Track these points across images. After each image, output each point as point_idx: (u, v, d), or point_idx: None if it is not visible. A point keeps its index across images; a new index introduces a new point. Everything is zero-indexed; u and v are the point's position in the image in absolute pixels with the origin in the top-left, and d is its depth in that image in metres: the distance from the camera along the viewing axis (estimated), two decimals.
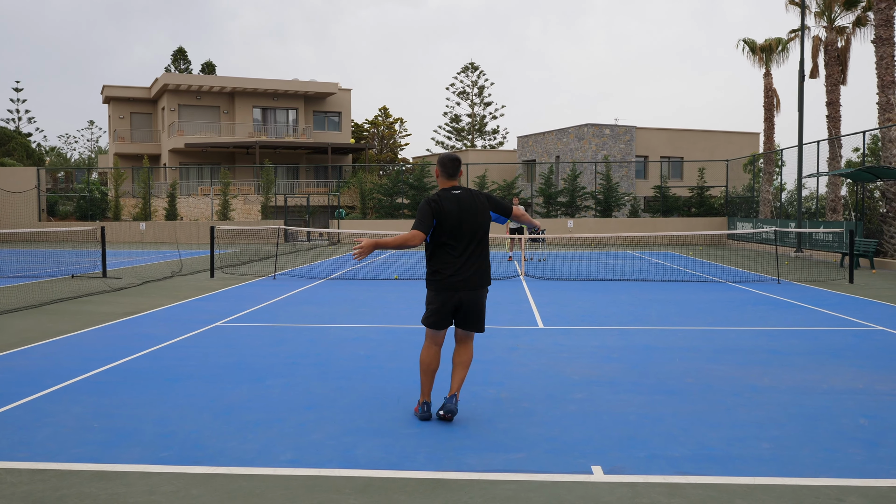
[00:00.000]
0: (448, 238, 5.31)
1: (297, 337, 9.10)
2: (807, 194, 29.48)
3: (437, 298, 5.37)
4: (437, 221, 5.28)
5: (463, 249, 5.33)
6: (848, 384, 6.63)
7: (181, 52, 60.91)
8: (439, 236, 5.32)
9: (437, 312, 5.40)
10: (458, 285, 5.32)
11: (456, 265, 5.31)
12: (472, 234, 5.35)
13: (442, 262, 5.34)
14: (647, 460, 4.63)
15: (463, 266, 5.33)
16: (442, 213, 5.27)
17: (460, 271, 5.32)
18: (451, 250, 5.33)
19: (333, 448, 4.89)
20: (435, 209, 5.28)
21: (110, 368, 7.27)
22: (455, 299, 5.36)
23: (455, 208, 5.30)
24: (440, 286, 5.34)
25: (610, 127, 41.60)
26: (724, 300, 12.69)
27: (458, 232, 5.31)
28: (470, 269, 5.34)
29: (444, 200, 5.31)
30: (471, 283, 5.35)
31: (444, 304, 5.36)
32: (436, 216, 5.27)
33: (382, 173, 48.78)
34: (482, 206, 5.43)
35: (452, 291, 5.33)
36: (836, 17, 26.95)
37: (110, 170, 40.52)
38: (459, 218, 5.30)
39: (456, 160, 5.53)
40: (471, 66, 70.05)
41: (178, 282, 15.69)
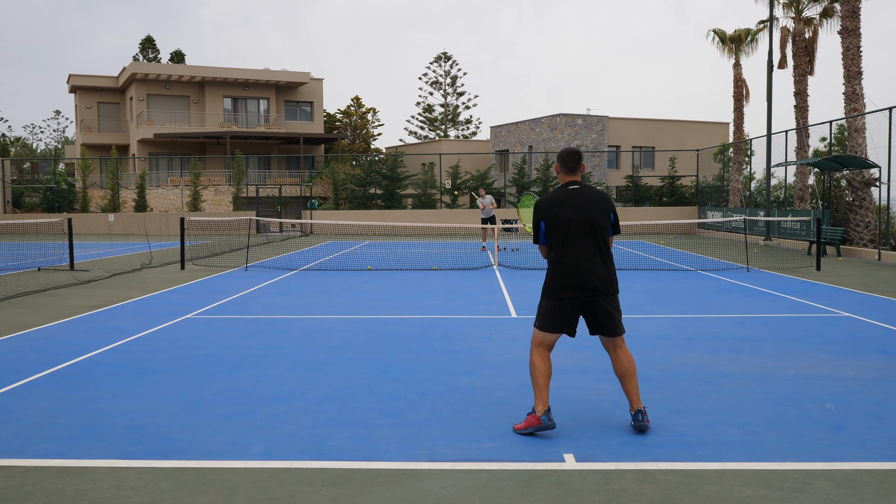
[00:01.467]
0: (563, 237, 5.02)
1: (269, 328, 9.03)
2: (775, 183, 29.90)
3: (556, 303, 5.02)
4: (545, 226, 5.05)
5: (583, 249, 5.01)
6: (815, 370, 6.73)
7: (149, 40, 59.97)
8: (550, 238, 5.08)
9: (555, 315, 5.05)
10: (575, 283, 5.01)
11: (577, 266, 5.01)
12: (593, 232, 5.00)
13: (562, 263, 5.02)
14: (619, 447, 4.66)
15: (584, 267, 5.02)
16: (553, 215, 5.01)
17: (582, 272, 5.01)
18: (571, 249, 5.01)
19: (305, 440, 4.86)
20: (545, 214, 5.05)
21: (78, 362, 7.16)
22: (574, 303, 5.02)
23: (570, 205, 4.99)
24: (557, 289, 5.02)
25: (582, 117, 41.77)
26: (694, 288, 12.82)
27: (577, 229, 4.99)
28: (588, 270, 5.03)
29: (557, 201, 5.02)
30: (592, 285, 5.02)
31: (565, 306, 5.03)
32: (544, 220, 5.05)
33: (355, 164, 48.56)
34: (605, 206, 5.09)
35: (573, 290, 5.00)
36: (803, 9, 27.25)
37: (77, 160, 39.86)
38: (577, 214, 4.99)
39: (578, 154, 5.16)
40: (444, 55, 69.88)
41: (148, 274, 15.49)
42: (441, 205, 35.97)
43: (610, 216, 5.07)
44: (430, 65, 70.39)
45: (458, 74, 70.10)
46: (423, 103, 70.33)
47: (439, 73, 70.09)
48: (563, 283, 4.96)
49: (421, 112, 70.43)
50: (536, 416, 4.86)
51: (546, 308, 5.04)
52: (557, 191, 5.11)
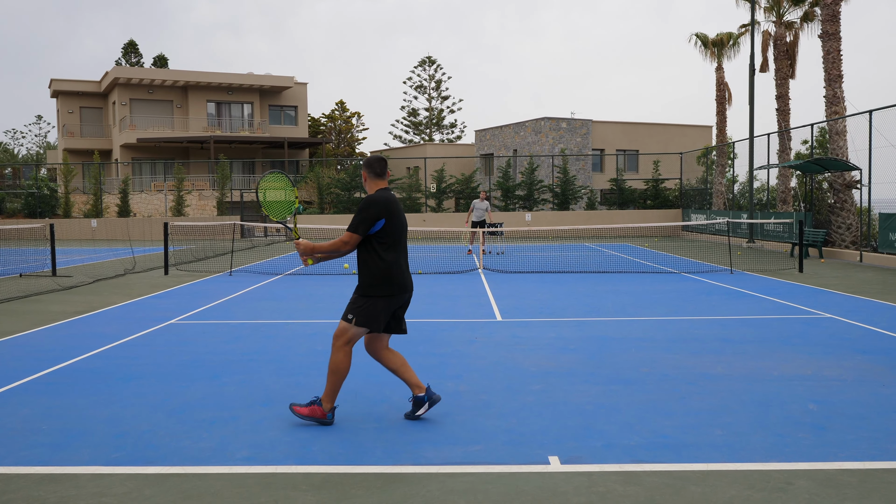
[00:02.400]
0: (394, 238, 5.18)
1: (253, 334, 8.99)
2: (758, 186, 30.11)
3: (385, 303, 5.14)
4: (384, 222, 5.11)
5: (404, 249, 5.32)
6: (797, 370, 6.79)
7: (132, 45, 59.60)
8: (384, 237, 5.14)
9: (380, 314, 5.16)
10: (408, 286, 5.27)
11: (404, 266, 5.28)
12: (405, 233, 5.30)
13: (396, 262, 5.19)
14: (604, 449, 4.68)
15: (406, 266, 5.32)
16: (390, 213, 5.14)
17: (406, 272, 5.30)
18: (400, 250, 5.26)
19: (289, 444, 4.84)
20: (388, 210, 5.12)
21: (60, 369, 7.10)
22: (401, 301, 5.27)
23: (396, 208, 5.21)
24: (394, 287, 5.15)
25: (566, 120, 41.91)
26: (678, 290, 12.89)
27: (403, 231, 5.25)
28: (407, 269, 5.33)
29: (391, 201, 5.19)
30: (410, 284, 5.33)
31: (391, 305, 5.21)
32: (384, 217, 5.10)
33: (340, 168, 48.44)
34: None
35: (404, 293, 5.24)
36: (784, 13, 27.52)
37: (60, 166, 39.53)
38: (400, 217, 5.22)
39: (385, 161, 5.36)
40: (428, 59, 69.90)
41: (131, 279, 15.38)
42: (426, 208, 35.97)
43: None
44: (415, 69, 70.44)
45: (443, 78, 70.18)
46: (408, 107, 70.33)
47: (424, 77, 70.13)
48: (398, 283, 5.17)
49: (405, 116, 70.39)
50: (323, 412, 5.19)
51: (376, 307, 5.12)
52: (385, 192, 5.22)
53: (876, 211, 20.21)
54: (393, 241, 5.16)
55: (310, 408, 5.20)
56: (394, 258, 5.17)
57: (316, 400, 5.23)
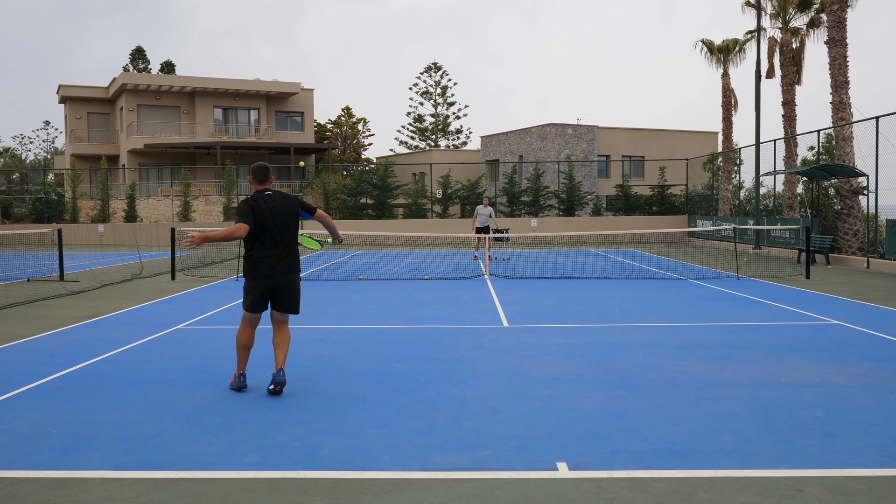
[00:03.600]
0: (263, 232, 6.17)
1: (260, 339, 8.98)
2: (764, 192, 30.08)
3: (256, 286, 6.24)
4: (255, 218, 6.13)
5: (278, 242, 6.23)
6: (805, 377, 6.77)
7: (140, 51, 59.91)
8: (258, 232, 6.18)
9: (258, 298, 6.29)
10: (275, 273, 6.22)
11: (273, 256, 6.22)
12: (285, 228, 6.25)
13: (262, 253, 6.21)
14: (612, 455, 4.68)
15: (279, 256, 6.24)
16: (260, 211, 6.14)
17: (277, 261, 6.23)
18: (269, 243, 6.21)
19: (298, 449, 4.85)
20: (253, 207, 6.14)
21: (68, 373, 7.13)
22: (271, 285, 6.26)
23: (269, 207, 6.18)
24: (259, 274, 6.21)
25: (572, 126, 41.93)
26: (685, 297, 12.87)
27: (273, 227, 6.18)
28: (283, 258, 6.26)
29: (260, 200, 6.20)
30: (285, 271, 6.26)
31: (263, 289, 6.27)
32: (255, 213, 6.13)
33: (346, 173, 48.54)
34: (291, 206, 6.33)
35: (269, 279, 6.22)
36: (790, 19, 27.50)
37: (67, 171, 39.69)
38: (273, 215, 6.19)
39: (266, 168, 6.40)
40: (434, 66, 70.08)
41: (138, 284, 15.43)
42: (432, 214, 36.00)
43: (297, 211, 6.40)
44: (421, 75, 70.62)
45: (449, 84, 70.35)
46: (414, 113, 70.51)
47: (429, 84, 70.30)
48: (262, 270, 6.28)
49: (411, 122, 70.57)
50: (234, 377, 6.48)
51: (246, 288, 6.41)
52: (256, 194, 6.30)
53: (883, 217, 20.15)
54: (259, 235, 6.19)
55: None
56: (259, 250, 6.22)
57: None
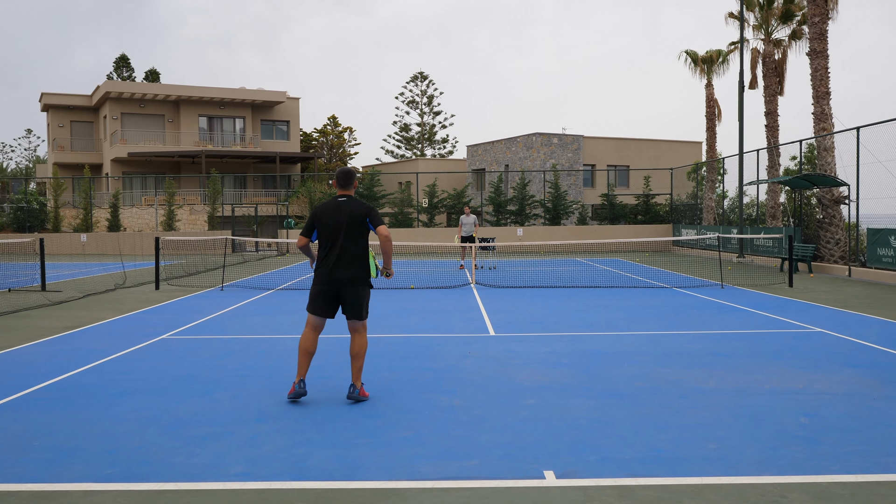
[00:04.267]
0: (324, 238, 6.29)
1: (246, 349, 8.97)
2: (748, 201, 30.31)
3: (314, 289, 6.40)
4: (316, 224, 6.36)
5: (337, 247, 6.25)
6: (789, 384, 6.83)
7: (124, 59, 59.62)
8: (320, 238, 6.37)
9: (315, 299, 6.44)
10: (334, 279, 6.26)
11: (333, 261, 6.26)
12: (348, 234, 6.22)
13: (323, 258, 6.32)
14: (598, 464, 4.69)
15: (338, 261, 6.26)
16: (319, 217, 6.30)
17: (337, 266, 6.27)
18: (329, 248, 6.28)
19: (284, 460, 4.83)
20: (314, 216, 6.35)
21: (51, 384, 7.06)
22: (330, 291, 6.31)
23: (333, 213, 6.25)
24: (318, 279, 6.38)
25: (558, 136, 42.12)
26: (670, 305, 12.94)
27: (334, 233, 6.22)
28: (343, 263, 6.25)
29: (325, 207, 6.32)
30: (345, 277, 6.22)
31: (323, 293, 6.37)
32: (315, 220, 6.36)
33: (331, 182, 48.43)
34: (359, 211, 6.25)
35: (327, 284, 6.28)
36: (773, 31, 27.82)
37: (49, 180, 39.38)
38: (336, 220, 6.23)
39: (348, 173, 6.42)
40: (420, 75, 70.22)
41: (122, 294, 15.32)
42: (418, 223, 36.01)
43: (366, 220, 6.27)
44: (407, 84, 70.75)
45: (435, 94, 70.48)
46: (400, 122, 70.53)
47: (416, 93, 70.42)
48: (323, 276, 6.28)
49: (397, 131, 70.62)
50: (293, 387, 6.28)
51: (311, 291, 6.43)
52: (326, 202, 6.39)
53: (864, 226, 20.36)
54: (322, 241, 6.33)
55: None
56: (321, 253, 6.37)
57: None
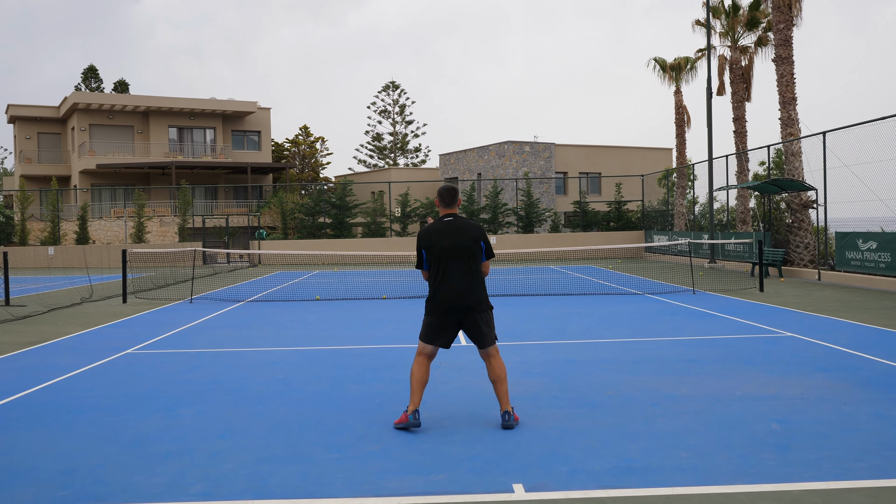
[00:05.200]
0: (437, 264, 5.80)
1: (213, 362, 8.78)
2: (718, 207, 30.61)
3: (433, 319, 5.87)
4: (426, 253, 5.83)
5: (452, 273, 5.77)
6: (760, 390, 6.80)
7: (92, 70, 58.88)
8: (432, 264, 5.84)
9: (433, 328, 5.89)
10: (452, 308, 5.82)
11: (448, 289, 5.81)
12: (462, 259, 5.75)
13: (437, 286, 5.83)
14: (569, 475, 4.61)
15: (454, 289, 5.80)
16: (430, 243, 5.80)
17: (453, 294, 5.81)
18: (442, 274, 5.81)
19: (247, 478, 4.69)
20: (423, 245, 5.83)
21: (8, 402, 6.83)
22: (452, 320, 5.87)
23: (443, 237, 5.76)
24: (434, 310, 5.84)
25: (530, 144, 42.27)
26: (641, 312, 12.94)
27: (447, 257, 5.75)
28: (459, 291, 5.81)
29: (433, 232, 5.80)
30: (463, 305, 5.80)
31: (440, 323, 5.87)
32: (425, 249, 5.82)
33: (304, 193, 48.15)
34: (472, 235, 5.81)
35: (445, 315, 5.84)
36: (739, 38, 28.16)
37: (16, 192, 38.66)
38: (448, 245, 5.75)
39: (453, 190, 5.91)
40: (392, 84, 70.20)
41: (88, 308, 15.01)
42: (391, 233, 35.87)
43: (480, 243, 5.82)
44: (379, 94, 70.71)
45: (407, 103, 70.52)
46: (372, 132, 70.46)
47: (388, 102, 70.37)
48: (440, 303, 5.78)
49: (370, 141, 70.47)
50: (406, 414, 5.67)
51: (426, 323, 5.88)
52: (432, 225, 5.88)
53: (832, 230, 20.61)
54: (435, 267, 5.82)
55: (402, 415, 5.73)
56: (436, 280, 5.82)
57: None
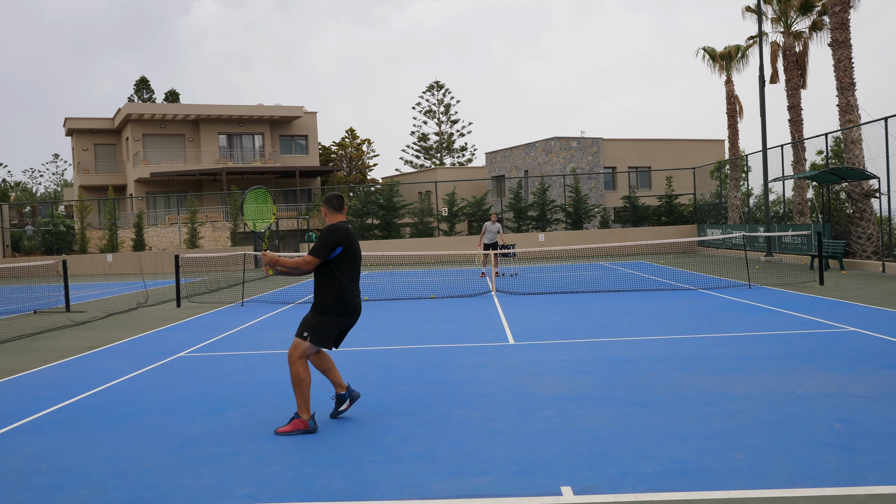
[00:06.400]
0: (353, 266, 5.81)
1: (261, 364, 8.84)
2: (774, 198, 29.77)
3: (337, 321, 5.76)
4: (342, 249, 5.73)
5: (358, 276, 5.92)
6: (821, 388, 6.53)
7: (143, 81, 60.33)
8: (342, 263, 5.75)
9: (333, 332, 5.80)
10: (358, 309, 5.88)
11: (357, 292, 5.92)
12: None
13: (352, 287, 5.83)
14: (618, 478, 4.46)
15: (358, 291, 5.94)
16: (349, 243, 5.77)
17: (358, 297, 5.92)
18: (355, 277, 5.87)
19: (292, 480, 4.67)
20: (343, 240, 5.73)
21: (64, 406, 6.97)
22: (351, 322, 5.89)
23: (355, 239, 5.86)
24: (350, 310, 5.79)
25: (577, 140, 41.81)
26: (695, 308, 12.62)
27: (357, 260, 5.86)
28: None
29: (349, 232, 5.81)
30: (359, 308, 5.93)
31: (342, 324, 5.83)
32: (343, 245, 5.73)
33: (352, 195, 48.54)
34: None
35: (355, 315, 5.88)
36: (792, 23, 27.35)
37: (75, 202, 39.84)
38: (357, 247, 5.87)
39: (342, 197, 6.00)
40: (436, 84, 70.24)
41: (143, 313, 15.32)
42: (438, 232, 35.86)
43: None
44: (423, 94, 70.77)
45: (452, 102, 70.44)
46: (418, 132, 70.60)
47: (432, 102, 70.43)
48: (350, 305, 5.79)
49: (416, 141, 70.64)
50: (304, 422, 5.69)
51: (329, 326, 5.75)
52: (343, 224, 5.85)
53: None
54: (348, 267, 5.76)
55: (291, 423, 5.72)
56: (347, 282, 5.75)
57: (294, 415, 5.76)
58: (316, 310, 5.77)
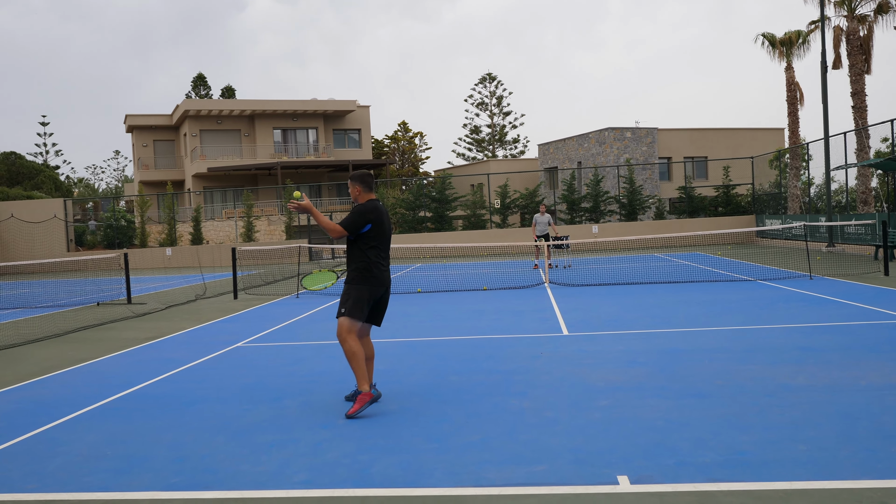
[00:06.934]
0: (382, 239, 6.12)
1: (317, 355, 8.97)
2: (836, 187, 28.88)
3: (367, 290, 6.03)
4: (371, 226, 6.01)
5: (387, 251, 6.23)
6: (887, 380, 6.32)
7: (201, 78, 61.62)
8: (377, 239, 6.07)
9: (364, 301, 6.06)
10: (386, 282, 6.15)
11: (386, 265, 6.18)
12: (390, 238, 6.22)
13: (380, 261, 6.11)
14: (676, 468, 4.40)
15: (388, 266, 6.23)
16: (380, 219, 6.08)
17: (387, 271, 6.20)
18: (385, 251, 6.18)
19: (348, 467, 4.72)
20: (375, 216, 6.03)
21: (127, 394, 7.19)
22: (382, 293, 6.15)
23: (385, 216, 6.17)
24: (375, 280, 6.04)
25: (631, 130, 41.22)
26: (753, 299, 12.34)
27: (387, 236, 6.18)
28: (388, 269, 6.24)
29: (380, 209, 6.11)
30: (389, 282, 6.20)
31: (372, 294, 6.08)
32: (373, 222, 6.02)
33: (405, 188, 48.78)
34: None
35: (383, 286, 6.13)
36: (856, 6, 26.45)
37: (136, 197, 40.98)
38: (387, 223, 6.18)
39: (373, 175, 6.24)
40: (488, 76, 70.03)
41: (202, 305, 15.68)
42: (491, 224, 35.80)
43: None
44: (475, 86, 70.63)
45: (504, 94, 70.17)
46: (470, 125, 70.51)
47: (484, 94, 70.25)
48: (378, 277, 6.06)
49: (468, 133, 70.58)
50: (368, 393, 5.88)
51: (361, 296, 6.03)
52: (375, 202, 6.12)
53: None
54: (377, 243, 6.06)
55: (357, 401, 5.89)
56: (375, 256, 6.04)
57: (355, 392, 6.03)
58: (348, 281, 6.09)
